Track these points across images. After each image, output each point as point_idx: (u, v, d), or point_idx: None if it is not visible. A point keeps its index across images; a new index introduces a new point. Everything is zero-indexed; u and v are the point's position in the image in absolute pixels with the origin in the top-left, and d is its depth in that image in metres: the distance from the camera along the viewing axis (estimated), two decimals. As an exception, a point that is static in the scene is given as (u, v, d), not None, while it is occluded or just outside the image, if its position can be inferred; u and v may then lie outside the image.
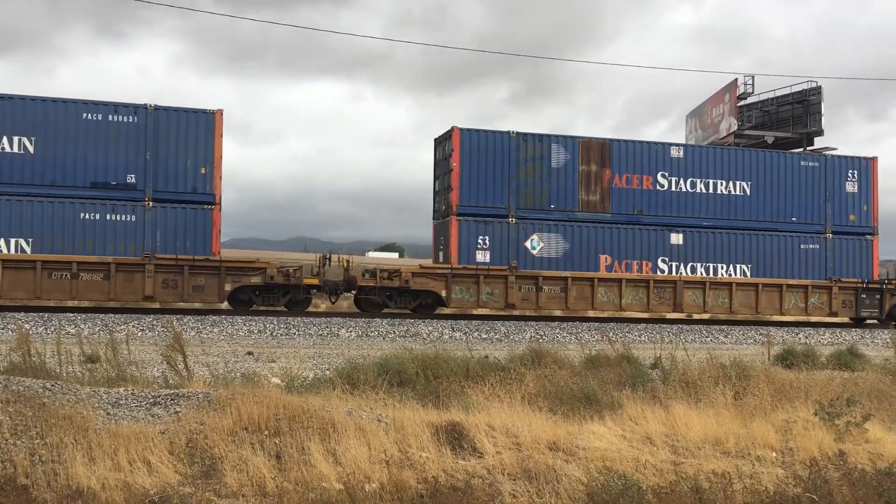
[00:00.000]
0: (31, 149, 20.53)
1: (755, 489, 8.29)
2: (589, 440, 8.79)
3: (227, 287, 21.49)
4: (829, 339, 22.62)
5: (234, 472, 7.24)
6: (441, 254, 24.61)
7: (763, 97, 33.90)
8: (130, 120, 21.16)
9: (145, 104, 21.39)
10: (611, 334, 16.73)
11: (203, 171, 21.55)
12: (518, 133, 23.82)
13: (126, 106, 21.30)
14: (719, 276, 24.80)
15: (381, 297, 22.83)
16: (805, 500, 8.14)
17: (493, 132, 23.77)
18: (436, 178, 25.42)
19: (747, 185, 25.20)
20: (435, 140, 25.31)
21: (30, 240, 20.37)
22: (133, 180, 21.11)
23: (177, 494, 6.83)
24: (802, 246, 25.51)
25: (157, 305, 22.56)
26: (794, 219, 25.48)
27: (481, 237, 23.40)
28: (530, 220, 23.74)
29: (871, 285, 25.56)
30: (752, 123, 33.42)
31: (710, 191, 24.97)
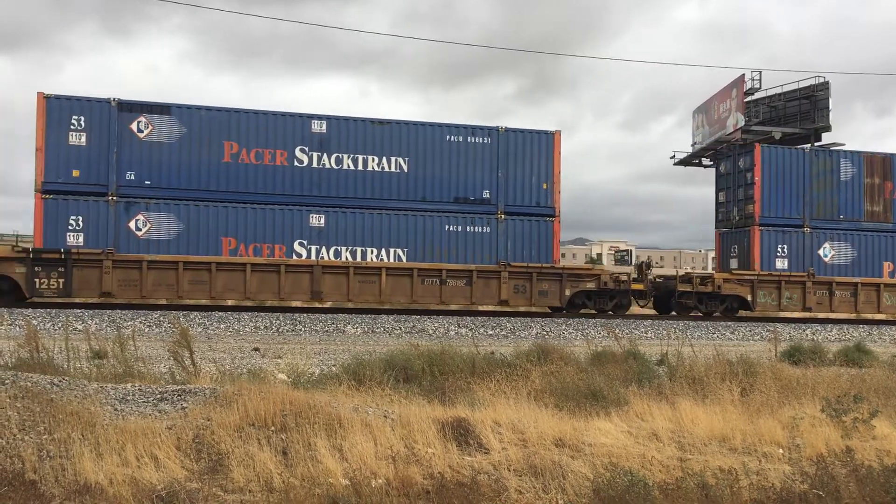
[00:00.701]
0: (405, 168, 23.35)
1: (762, 486, 8.27)
2: (595, 436, 8.78)
3: (567, 292, 24.02)
4: (837, 336, 22.55)
5: (241, 467, 7.25)
6: (734, 261, 26.76)
7: (770, 93, 33.75)
8: (485, 141, 23.90)
9: (497, 126, 24.04)
10: (617, 331, 16.70)
11: (545, 186, 24.18)
12: (812, 149, 26.52)
13: (482, 128, 24.04)
14: None
15: (694, 301, 25.07)
16: (812, 497, 8.11)
17: (791, 149, 26.50)
18: (721, 189, 28.15)
19: None
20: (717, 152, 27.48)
21: (405, 249, 23.30)
22: (488, 195, 23.90)
23: (184, 490, 6.85)
24: None
25: (508, 308, 24.60)
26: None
27: (780, 245, 25.66)
28: (822, 230, 25.97)
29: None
30: (760, 119, 33.28)
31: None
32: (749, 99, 34.24)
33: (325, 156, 22.76)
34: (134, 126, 21.49)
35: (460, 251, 23.50)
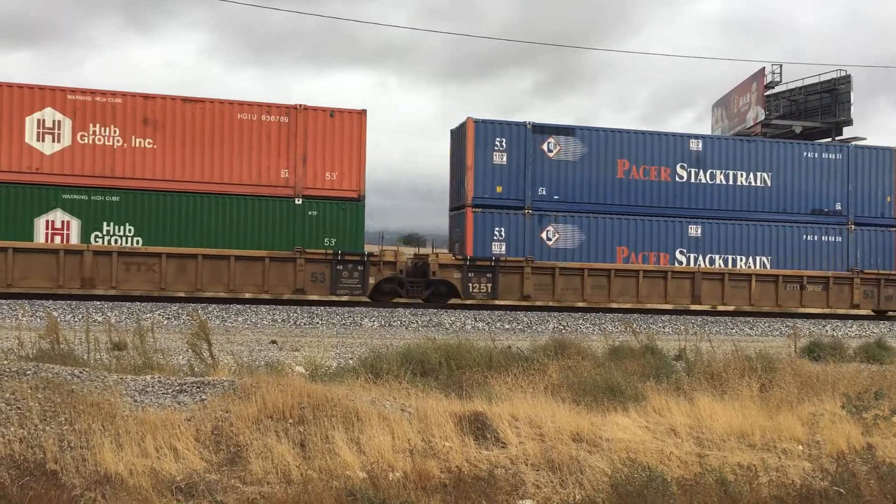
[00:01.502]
0: (768, 182, 25.01)
1: (781, 482, 8.21)
2: (613, 431, 8.75)
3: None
4: (857, 332, 22.35)
5: (259, 459, 7.29)
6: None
7: (791, 86, 33.46)
8: (836, 157, 25.57)
9: (848, 144, 26.63)
10: (634, 325, 16.64)
11: (889, 199, 25.80)
12: None
13: (834, 146, 25.93)
14: None
15: None
16: (832, 494, 8.04)
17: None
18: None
19: None
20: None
21: (769, 257, 24.98)
22: (839, 207, 25.45)
23: (203, 481, 6.89)
24: None
25: (860, 311, 26.07)
26: None
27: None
28: None
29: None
30: (780, 113, 33.01)
31: None
32: (769, 92, 33.94)
33: (701, 172, 24.63)
34: (545, 146, 23.71)
35: (816, 259, 25.28)
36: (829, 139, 31.14)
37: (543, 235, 23.59)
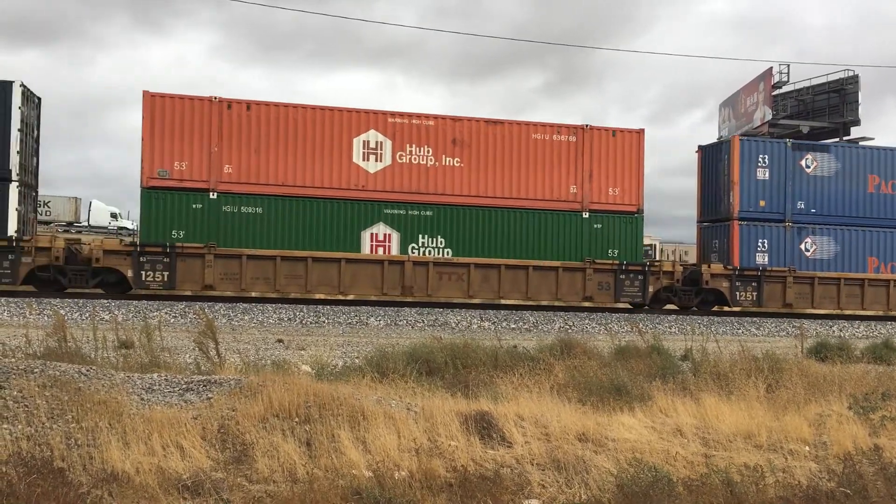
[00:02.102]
0: None
1: (788, 483, 8.20)
2: (619, 431, 8.74)
3: None
4: (864, 333, 22.28)
5: (265, 458, 7.30)
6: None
7: (798, 86, 33.37)
8: None
9: None
10: (640, 325, 16.62)
11: None
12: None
13: None
14: None
15: None
16: (839, 495, 8.03)
17: None
18: None
19: None
20: None
21: None
22: None
23: (209, 479, 6.91)
24: None
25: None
26: None
27: None
28: None
29: None
30: (787, 113, 32.91)
31: None
32: (777, 92, 33.85)
33: None
34: (803, 163, 24.88)
35: None
36: (836, 139, 31.04)
37: (802, 247, 25.00)
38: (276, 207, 21.57)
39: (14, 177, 20.67)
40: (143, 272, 20.80)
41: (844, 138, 31.32)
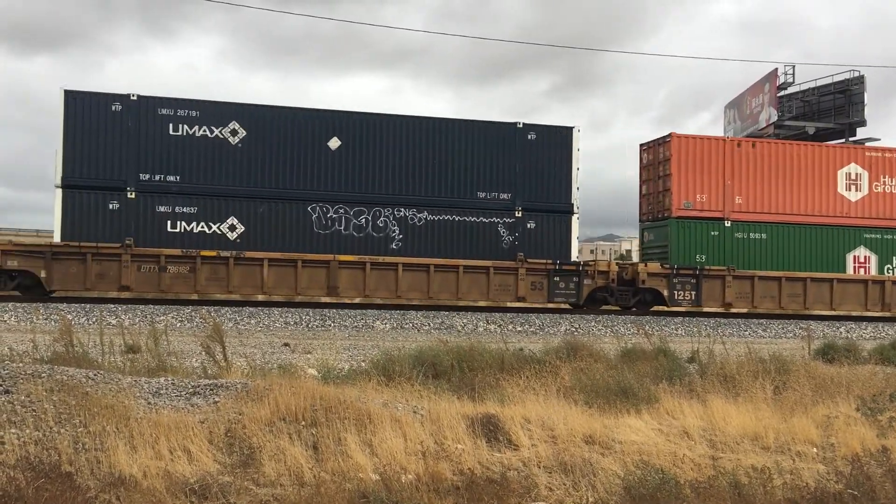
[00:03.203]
0: None
1: (795, 485, 8.17)
2: (625, 434, 8.73)
3: None
4: (872, 334, 22.20)
5: (272, 461, 7.31)
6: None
7: (804, 87, 33.30)
8: None
9: None
10: (647, 327, 16.58)
11: None
12: None
13: None
14: None
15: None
16: (847, 497, 8.00)
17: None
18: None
19: None
20: None
21: None
22: None
23: (216, 483, 6.92)
24: None
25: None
26: None
27: None
28: None
29: None
30: (793, 114, 32.84)
31: None
32: (782, 94, 33.76)
33: None
34: None
35: None
36: (843, 140, 30.95)
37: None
38: (777, 233, 24.54)
39: (575, 209, 23.29)
40: (676, 291, 23.82)
41: (850, 139, 31.24)
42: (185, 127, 21.32)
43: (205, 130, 21.45)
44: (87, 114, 20.95)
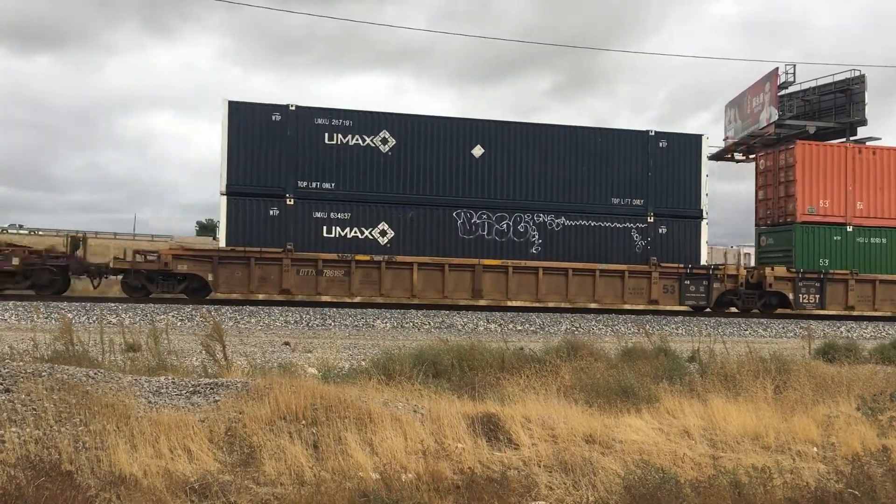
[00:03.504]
0: None
1: (796, 484, 8.16)
2: (626, 433, 8.72)
3: None
4: (872, 333, 22.19)
5: (273, 460, 7.31)
6: None
7: (805, 86, 33.27)
8: None
9: None
10: (647, 327, 16.58)
11: None
12: None
13: None
14: None
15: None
16: (847, 497, 7.99)
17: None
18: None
19: None
20: None
21: None
22: None
23: (217, 482, 6.92)
24: None
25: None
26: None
27: None
28: None
29: None
30: (794, 113, 32.82)
31: None
32: (783, 93, 33.75)
33: None
34: None
35: None
36: (843, 139, 30.95)
37: None
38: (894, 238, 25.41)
39: (704, 215, 24.10)
40: (801, 295, 24.63)
41: (851, 138, 31.22)
42: (340, 136, 22.41)
43: (357, 139, 22.51)
44: (248, 123, 21.98)
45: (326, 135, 22.29)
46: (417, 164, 22.71)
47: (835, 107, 32.44)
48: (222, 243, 21.81)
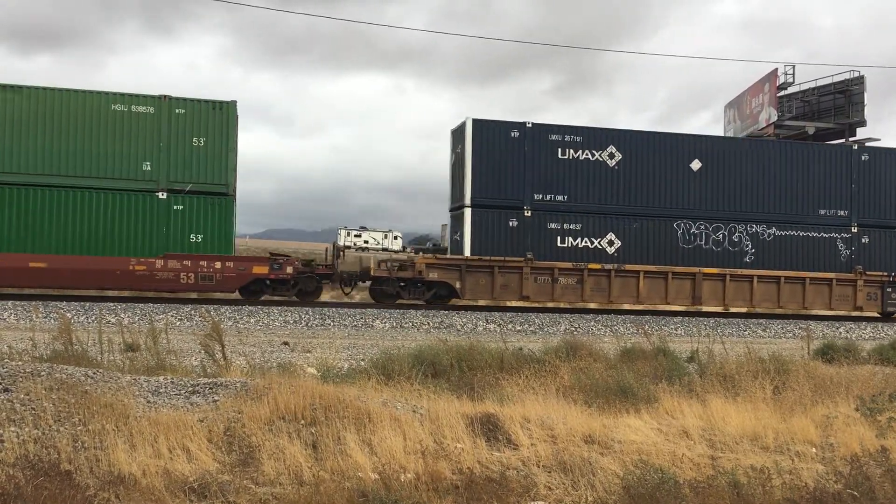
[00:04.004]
0: None
1: (795, 485, 8.17)
2: (625, 433, 8.72)
3: None
4: (871, 334, 22.20)
5: (272, 460, 7.31)
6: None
7: (804, 87, 33.26)
8: None
9: None
10: (646, 327, 16.59)
11: None
12: None
13: None
14: None
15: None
16: (846, 497, 8.00)
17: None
18: None
19: None
20: None
21: None
22: None
23: (216, 482, 6.92)
24: None
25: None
26: None
27: None
28: None
29: None
30: (793, 114, 32.81)
31: None
32: (782, 93, 33.75)
33: None
34: None
35: None
36: (843, 140, 30.95)
37: None
38: None
39: None
40: None
41: (850, 139, 31.23)
42: (571, 151, 23.76)
43: (587, 154, 23.86)
44: (491, 140, 23.42)
45: (559, 150, 23.60)
46: (641, 178, 24.00)
47: (834, 107, 32.42)
48: (467, 252, 23.15)
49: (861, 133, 31.89)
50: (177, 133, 21.44)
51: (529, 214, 23.41)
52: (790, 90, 33.52)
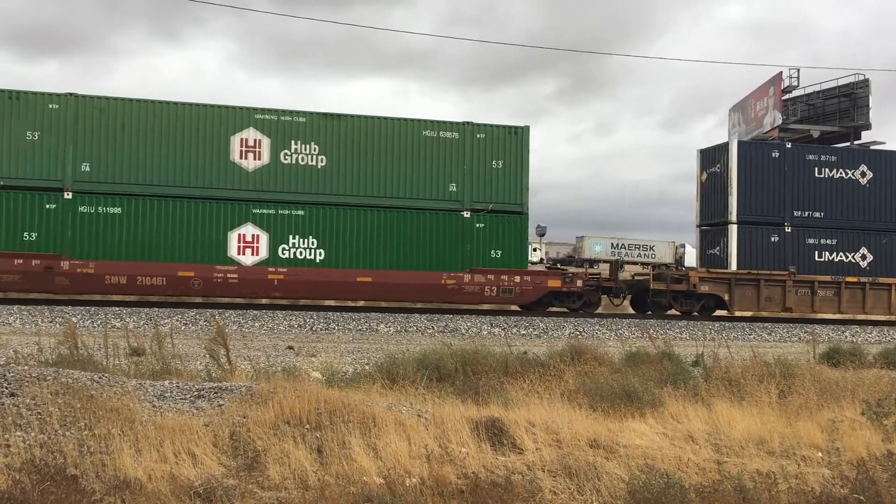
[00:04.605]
0: None
1: (801, 489, 8.15)
2: (630, 438, 8.71)
3: None
4: (877, 338, 22.14)
5: (277, 465, 7.31)
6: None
7: (809, 90, 33.21)
8: None
9: None
10: (651, 331, 16.56)
11: None
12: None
13: None
14: None
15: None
16: (852, 501, 7.97)
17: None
18: None
19: None
20: None
21: None
22: None
23: (221, 486, 6.92)
24: None
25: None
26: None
27: None
28: None
29: None
30: (798, 117, 32.77)
31: None
32: (787, 97, 33.71)
33: None
34: None
35: None
36: (848, 143, 30.90)
37: None
38: None
39: None
40: None
41: (855, 142, 31.18)
42: (826, 170, 25.56)
43: (840, 173, 25.65)
44: (753, 160, 25.12)
45: (816, 169, 25.34)
46: (891, 195, 25.67)
47: (839, 111, 32.37)
48: (733, 267, 24.62)
49: (866, 136, 31.84)
50: (478, 156, 22.85)
51: (790, 230, 25.02)
52: (795, 93, 33.49)
